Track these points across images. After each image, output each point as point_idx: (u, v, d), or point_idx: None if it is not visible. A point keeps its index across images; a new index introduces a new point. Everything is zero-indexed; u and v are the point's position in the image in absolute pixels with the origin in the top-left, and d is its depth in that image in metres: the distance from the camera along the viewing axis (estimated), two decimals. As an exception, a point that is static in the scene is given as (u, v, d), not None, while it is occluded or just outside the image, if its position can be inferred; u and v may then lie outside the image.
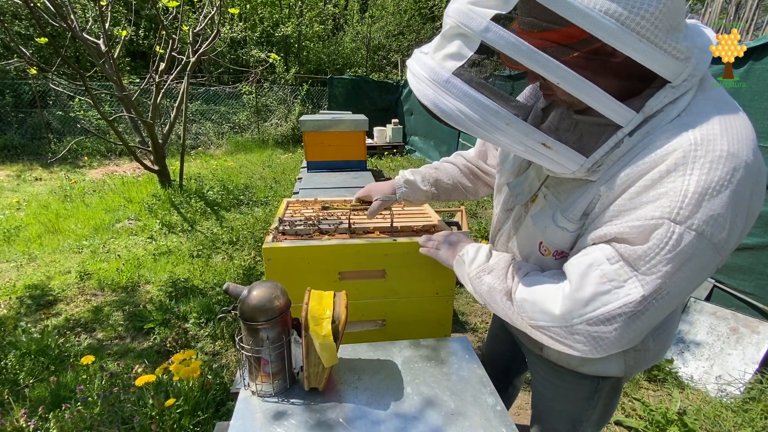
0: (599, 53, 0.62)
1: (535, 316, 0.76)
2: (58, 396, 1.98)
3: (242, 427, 0.91)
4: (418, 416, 0.93)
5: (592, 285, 0.67)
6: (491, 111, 0.63)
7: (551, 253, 0.83)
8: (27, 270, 3.55)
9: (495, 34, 0.59)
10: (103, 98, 8.33)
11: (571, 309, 0.69)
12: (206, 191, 5.39)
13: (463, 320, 2.85)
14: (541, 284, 0.77)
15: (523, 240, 0.91)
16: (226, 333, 2.57)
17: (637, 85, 0.67)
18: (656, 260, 0.62)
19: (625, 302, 0.65)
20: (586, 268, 0.69)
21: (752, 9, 2.62)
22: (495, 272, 0.87)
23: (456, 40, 0.63)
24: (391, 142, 8.86)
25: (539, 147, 0.67)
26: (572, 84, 0.61)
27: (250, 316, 0.96)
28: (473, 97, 0.63)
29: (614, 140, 0.67)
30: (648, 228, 0.62)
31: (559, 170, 0.71)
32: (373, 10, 13.65)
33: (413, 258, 1.39)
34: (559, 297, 0.72)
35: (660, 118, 0.65)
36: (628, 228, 0.65)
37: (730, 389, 2.12)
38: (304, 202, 1.84)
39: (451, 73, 0.63)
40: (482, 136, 0.66)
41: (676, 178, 0.61)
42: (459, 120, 0.65)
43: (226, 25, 10.83)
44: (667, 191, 0.61)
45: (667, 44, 0.60)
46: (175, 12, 4.74)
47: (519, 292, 0.80)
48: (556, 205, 0.80)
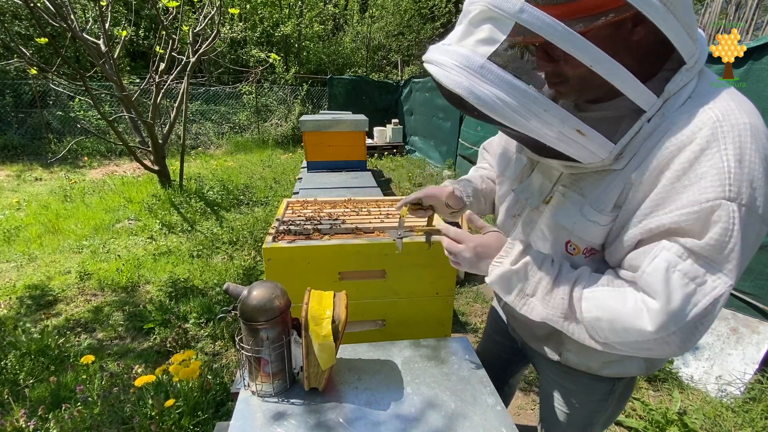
0: (619, 30, 0.62)
1: (616, 336, 0.69)
2: (58, 396, 1.98)
3: (242, 427, 0.91)
4: (418, 416, 0.93)
5: (678, 291, 0.63)
6: (530, 97, 0.61)
7: (581, 250, 0.79)
8: (27, 270, 3.55)
9: (531, 14, 0.57)
10: (103, 98, 8.33)
11: (666, 322, 0.63)
12: (206, 191, 5.39)
13: (463, 320, 2.85)
14: (610, 299, 0.70)
15: (540, 243, 0.86)
16: (226, 333, 2.57)
17: (649, 68, 0.67)
18: (730, 247, 0.60)
19: (714, 296, 0.62)
20: (664, 273, 0.63)
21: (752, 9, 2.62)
22: (542, 293, 0.77)
23: (486, 24, 0.61)
24: (391, 142, 8.86)
25: (574, 134, 0.65)
26: (606, 67, 0.60)
27: (250, 316, 0.96)
28: (511, 83, 0.61)
29: (639, 125, 0.66)
30: (706, 211, 0.60)
31: (588, 159, 0.68)
32: (373, 10, 13.65)
33: (413, 258, 1.39)
34: (645, 312, 0.65)
35: (671, 102, 0.66)
36: (683, 216, 0.62)
37: (731, 389, 2.12)
38: (304, 202, 1.84)
39: (486, 58, 0.61)
40: (518, 123, 0.63)
41: (713, 156, 0.60)
42: (496, 107, 0.61)
43: (226, 25, 10.82)
44: (708, 170, 0.60)
45: (685, 19, 0.60)
46: (175, 12, 4.73)
47: (589, 311, 0.71)
48: (580, 201, 0.77)
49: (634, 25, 0.61)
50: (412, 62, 13.68)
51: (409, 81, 9.36)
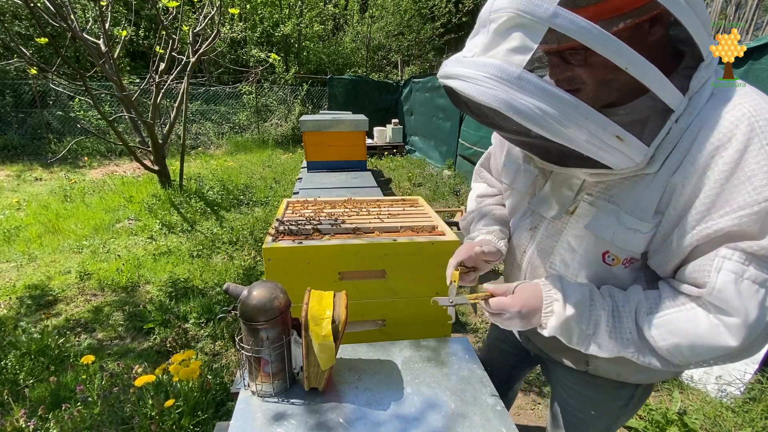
0: (639, 31, 0.60)
1: (697, 357, 0.68)
2: (58, 396, 1.98)
3: (242, 427, 0.91)
4: (418, 417, 0.93)
5: (752, 300, 0.62)
6: (571, 105, 0.58)
7: (621, 261, 0.76)
8: (27, 270, 3.55)
9: (565, 18, 0.54)
10: (103, 98, 8.33)
11: (749, 334, 0.63)
12: (206, 191, 5.39)
13: (463, 320, 2.85)
14: (683, 322, 0.68)
15: (568, 255, 0.83)
16: (226, 333, 2.57)
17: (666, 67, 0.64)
18: None
19: None
20: (735, 286, 0.62)
21: (752, 9, 2.62)
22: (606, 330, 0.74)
23: (516, 32, 0.58)
24: (391, 142, 8.86)
25: (614, 141, 0.62)
26: (641, 68, 0.58)
27: (250, 316, 0.96)
28: (551, 92, 0.58)
29: (669, 125, 0.64)
30: (763, 212, 0.59)
31: (624, 164, 0.65)
32: (373, 10, 13.64)
33: (413, 258, 1.39)
34: (726, 331, 0.64)
35: (696, 100, 0.64)
36: (743, 218, 0.60)
37: (731, 389, 2.12)
38: (304, 202, 1.84)
39: (522, 68, 0.57)
40: (558, 133, 0.60)
41: (758, 153, 0.59)
42: (538, 119, 0.58)
43: (226, 25, 10.82)
44: (756, 168, 0.59)
45: (703, 17, 0.61)
46: (175, 12, 4.73)
47: (663, 339, 0.69)
48: (614, 210, 0.73)
49: (651, 26, 0.60)
50: (412, 62, 13.67)
51: (409, 81, 9.36)
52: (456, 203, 5.44)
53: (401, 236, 1.44)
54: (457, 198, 5.61)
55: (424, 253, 1.39)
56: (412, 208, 1.80)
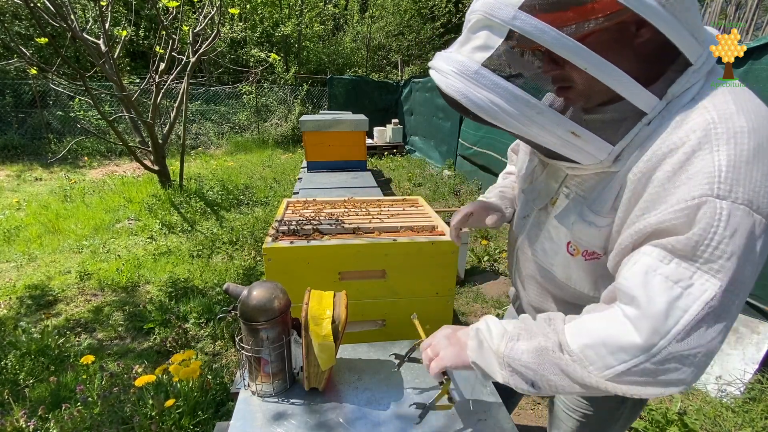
0: (623, 33, 0.61)
1: (610, 360, 0.62)
2: (58, 396, 1.98)
3: (242, 427, 0.91)
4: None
5: (660, 293, 0.58)
6: (523, 101, 0.63)
7: (580, 252, 0.79)
8: (27, 270, 3.55)
9: (523, 21, 0.58)
10: (103, 98, 8.33)
11: (653, 329, 0.58)
12: (206, 191, 5.39)
13: (463, 320, 2.85)
14: (593, 322, 0.65)
15: (547, 244, 0.86)
16: (226, 333, 2.57)
17: (654, 70, 0.66)
18: (715, 242, 0.56)
19: (706, 300, 0.57)
20: (643, 277, 0.61)
21: (752, 9, 2.62)
22: (528, 332, 0.71)
23: (483, 32, 0.63)
24: (391, 142, 8.86)
25: (569, 136, 0.66)
26: (600, 68, 0.60)
27: (250, 316, 0.96)
28: (504, 87, 0.63)
29: (639, 127, 0.66)
30: (691, 209, 0.57)
31: (587, 161, 0.69)
32: (373, 10, 13.64)
33: (413, 258, 1.39)
34: (630, 323, 0.61)
35: (674, 104, 0.64)
36: (668, 215, 0.59)
37: (730, 389, 2.12)
38: (304, 202, 1.84)
39: (480, 65, 0.63)
40: (514, 127, 0.65)
41: (704, 156, 0.58)
42: (492, 112, 0.63)
43: (226, 25, 10.82)
44: (699, 170, 0.58)
45: (690, 22, 0.60)
46: (175, 12, 4.73)
47: (573, 341, 0.65)
48: (581, 202, 0.76)
49: (638, 28, 0.61)
50: (412, 62, 13.67)
51: (409, 81, 9.36)
52: (456, 203, 5.44)
53: (401, 236, 1.44)
54: (457, 198, 5.61)
55: (424, 253, 1.39)
56: (412, 208, 1.80)
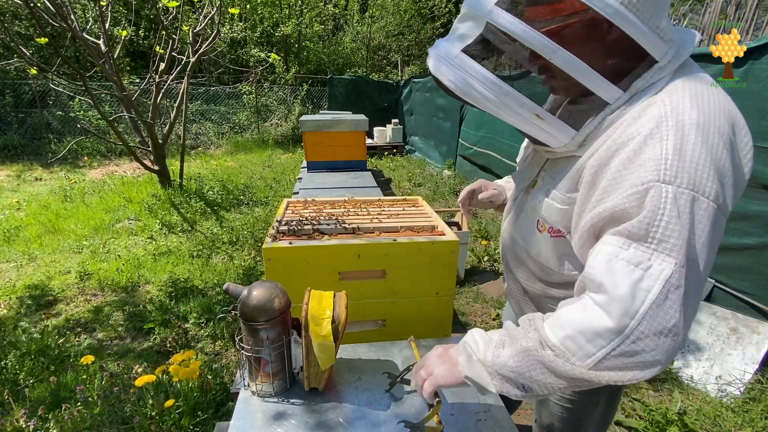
0: (594, 30, 0.68)
1: (589, 348, 0.65)
2: (58, 396, 1.98)
3: (242, 427, 0.91)
4: (418, 417, 0.93)
5: (623, 277, 0.63)
6: (492, 83, 0.71)
7: (546, 228, 0.87)
8: (27, 270, 3.55)
9: (498, 15, 0.67)
10: (103, 98, 8.33)
11: (622, 311, 0.62)
12: (206, 191, 5.39)
13: (463, 320, 2.85)
14: (569, 314, 0.69)
15: (525, 222, 0.95)
16: (226, 333, 2.57)
17: (623, 65, 0.72)
18: (663, 224, 0.61)
19: (665, 278, 0.61)
20: (606, 264, 0.65)
21: (752, 9, 2.62)
22: (511, 337, 0.74)
23: (466, 23, 0.73)
24: (391, 142, 8.86)
25: (533, 118, 0.74)
26: (564, 60, 0.68)
27: (250, 316, 0.96)
28: (478, 71, 0.71)
29: (602, 116, 0.73)
30: (640, 194, 0.63)
31: (553, 143, 0.77)
32: (373, 10, 13.64)
33: (413, 258, 1.39)
34: (600, 310, 0.65)
35: (638, 97, 0.71)
36: (622, 200, 0.65)
37: (730, 389, 2.12)
38: (304, 202, 1.84)
39: (460, 50, 0.72)
40: (486, 106, 0.74)
41: (654, 145, 0.64)
42: (467, 91, 0.72)
43: (226, 25, 10.82)
44: (649, 157, 0.64)
45: (653, 23, 0.66)
46: (175, 12, 4.73)
47: (553, 335, 0.68)
48: (550, 182, 0.85)
49: (610, 26, 0.66)
50: (412, 62, 13.67)
51: (409, 81, 9.36)
52: (456, 203, 5.44)
53: (401, 236, 1.44)
54: (457, 198, 5.61)
55: (424, 253, 1.39)
56: (412, 208, 1.80)
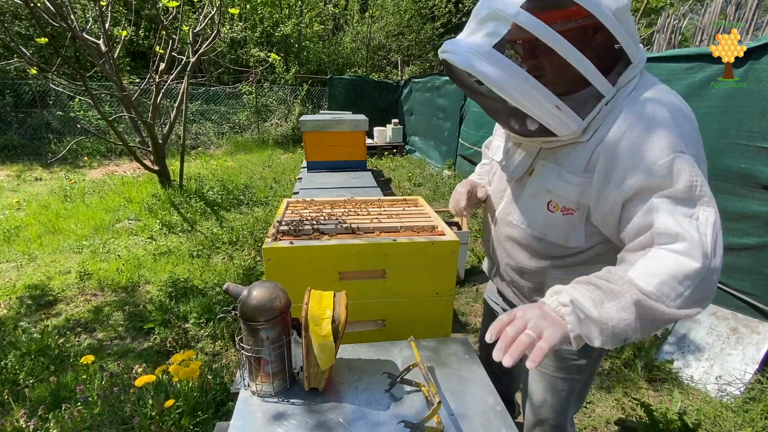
0: (586, 35, 0.83)
1: (680, 289, 0.74)
2: (58, 396, 1.98)
3: (242, 427, 0.91)
4: (418, 417, 0.93)
5: (690, 227, 0.77)
6: (523, 76, 0.81)
7: (559, 208, 0.97)
8: (27, 270, 3.55)
9: (524, 16, 0.77)
10: (103, 98, 8.32)
11: (703, 253, 0.75)
12: (206, 191, 5.39)
13: (463, 320, 2.85)
14: (651, 263, 0.77)
15: (528, 206, 1.03)
16: (226, 333, 2.57)
17: (607, 65, 0.87)
18: (698, 183, 0.78)
19: (713, 223, 0.78)
20: (673, 220, 0.78)
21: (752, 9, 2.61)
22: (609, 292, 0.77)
23: (491, 22, 0.81)
24: (391, 142, 8.86)
25: (554, 109, 0.85)
26: (577, 59, 0.81)
27: (250, 316, 0.96)
28: (510, 65, 0.81)
29: (600, 106, 0.87)
30: (668, 163, 0.79)
31: (563, 131, 0.88)
32: (373, 10, 13.63)
33: (413, 258, 1.39)
34: (683, 255, 0.76)
35: (622, 91, 0.88)
36: (652, 173, 0.80)
37: (730, 389, 2.12)
38: (304, 203, 1.84)
39: (491, 47, 0.81)
40: (514, 97, 0.83)
41: (660, 128, 0.82)
42: (500, 82, 0.81)
43: (226, 25, 10.82)
44: (660, 138, 0.81)
45: (630, 29, 0.83)
46: (175, 12, 4.73)
47: (647, 283, 0.75)
48: (557, 168, 0.95)
49: (595, 33, 0.83)
50: (412, 62, 13.66)
51: (409, 81, 9.36)
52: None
53: (401, 236, 1.44)
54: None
55: (424, 253, 1.39)
56: (412, 208, 1.80)
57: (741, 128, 2.31)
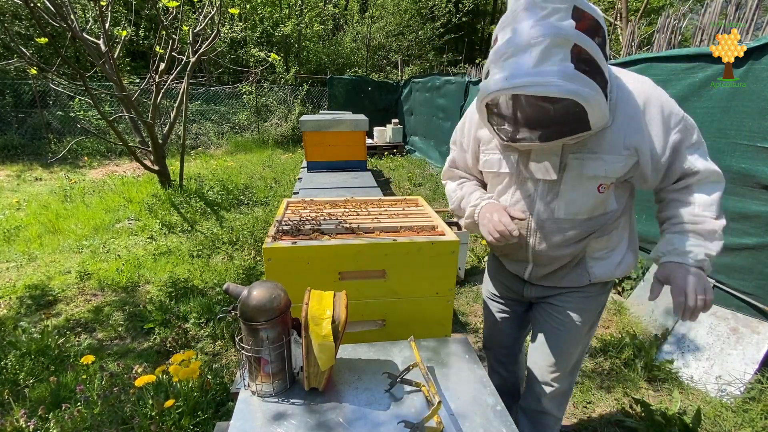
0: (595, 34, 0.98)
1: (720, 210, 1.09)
2: (58, 396, 1.97)
3: (242, 427, 0.91)
4: (418, 417, 0.93)
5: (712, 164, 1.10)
6: (595, 87, 0.93)
7: (609, 185, 1.12)
8: (27, 270, 3.55)
9: (580, 36, 0.91)
10: (103, 98, 8.32)
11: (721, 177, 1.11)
12: (206, 191, 5.39)
13: (463, 320, 2.85)
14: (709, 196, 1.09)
15: (575, 197, 1.14)
16: (226, 333, 2.57)
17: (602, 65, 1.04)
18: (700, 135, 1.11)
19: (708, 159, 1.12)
20: (706, 163, 1.09)
21: (752, 9, 2.61)
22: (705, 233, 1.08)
23: (557, 48, 0.90)
24: (391, 142, 8.86)
25: (607, 110, 0.99)
26: (605, 65, 0.98)
27: (250, 316, 0.96)
28: (587, 81, 0.92)
29: (609, 98, 1.03)
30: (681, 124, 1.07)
31: (604, 121, 1.01)
32: (373, 10, 13.63)
33: (413, 258, 1.39)
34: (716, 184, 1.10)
35: (611, 83, 1.04)
36: (676, 133, 1.07)
37: (730, 389, 2.12)
38: (304, 203, 1.84)
39: (573, 69, 0.91)
40: (593, 106, 0.94)
41: (664, 101, 1.07)
42: (589, 97, 0.92)
43: (226, 25, 10.82)
44: (668, 109, 1.07)
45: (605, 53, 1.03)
46: (175, 12, 4.73)
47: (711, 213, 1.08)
48: (596, 156, 1.08)
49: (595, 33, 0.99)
50: (412, 62, 13.66)
51: (409, 81, 9.35)
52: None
53: (401, 236, 1.44)
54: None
55: (424, 253, 1.39)
56: (413, 208, 1.80)
57: (741, 128, 2.31)
